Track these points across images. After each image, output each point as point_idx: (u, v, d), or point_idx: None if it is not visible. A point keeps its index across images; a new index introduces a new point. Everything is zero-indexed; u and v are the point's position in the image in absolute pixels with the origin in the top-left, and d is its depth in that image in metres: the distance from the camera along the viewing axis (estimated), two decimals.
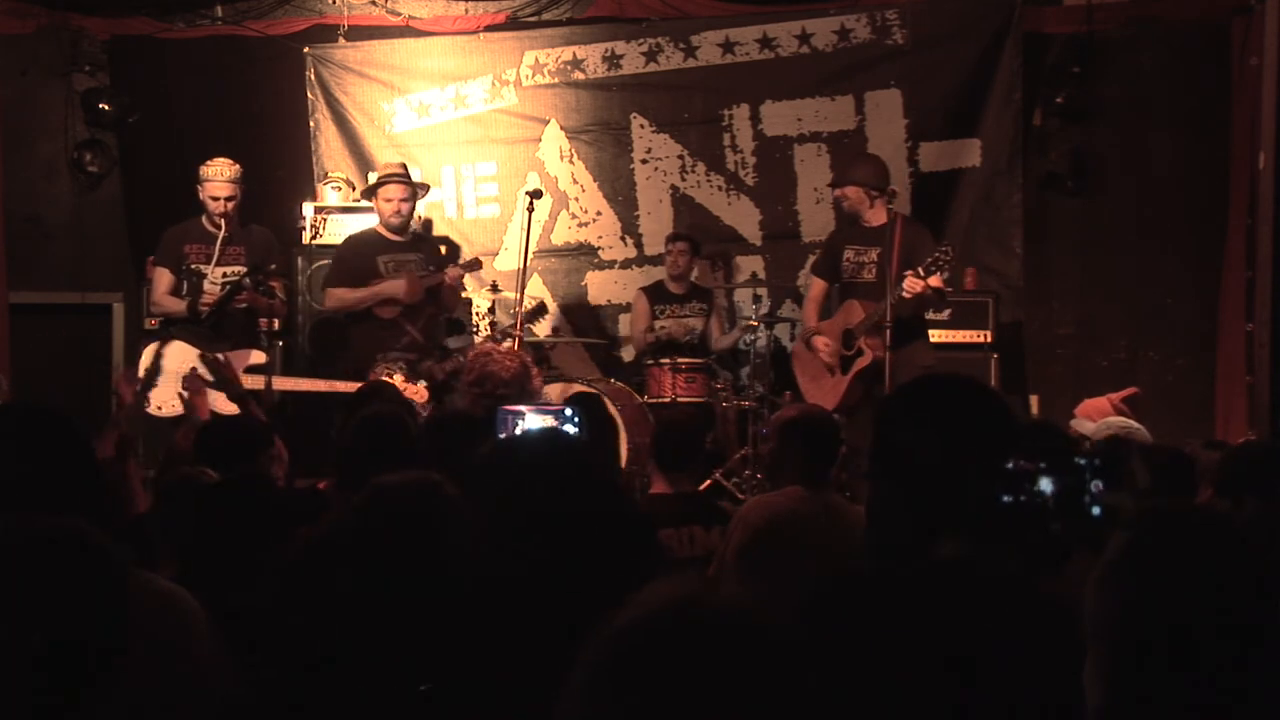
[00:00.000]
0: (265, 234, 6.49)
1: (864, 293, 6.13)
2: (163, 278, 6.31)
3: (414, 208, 6.58)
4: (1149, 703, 1.34)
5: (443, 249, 7.26)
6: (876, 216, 6.21)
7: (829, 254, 6.50)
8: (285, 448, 4.13)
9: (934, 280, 5.83)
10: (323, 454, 4.74)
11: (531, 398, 4.51)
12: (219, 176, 6.23)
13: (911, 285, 5.78)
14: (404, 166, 6.74)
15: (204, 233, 6.28)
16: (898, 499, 1.85)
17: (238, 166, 6.29)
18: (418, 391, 5.96)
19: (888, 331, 5.73)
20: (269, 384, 5.97)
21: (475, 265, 6.92)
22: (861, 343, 6.05)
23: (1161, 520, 1.42)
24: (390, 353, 6.23)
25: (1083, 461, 1.76)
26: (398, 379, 5.93)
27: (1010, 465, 1.78)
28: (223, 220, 6.20)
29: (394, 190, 6.47)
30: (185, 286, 6.25)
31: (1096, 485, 1.75)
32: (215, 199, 6.21)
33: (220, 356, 5.29)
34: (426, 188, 6.95)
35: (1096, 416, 4.81)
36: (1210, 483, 4.10)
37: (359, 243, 6.65)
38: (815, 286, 6.56)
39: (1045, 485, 1.76)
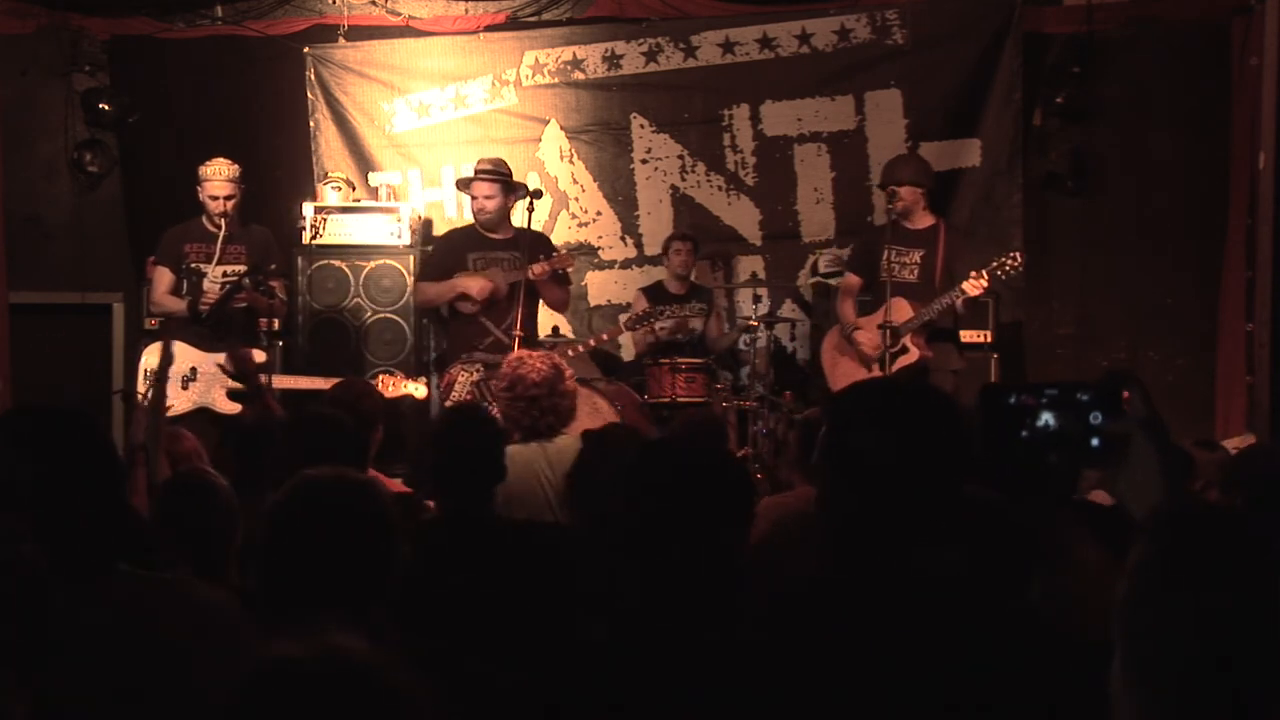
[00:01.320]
0: (265, 233, 6.51)
1: (908, 292, 6.15)
2: (163, 277, 6.33)
3: (504, 204, 6.48)
4: (1191, 714, 1.30)
5: (562, 249, 6.97)
6: (922, 219, 6.29)
7: (866, 252, 6.54)
8: None
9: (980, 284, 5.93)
10: None
11: (562, 398, 4.47)
12: (218, 176, 6.27)
13: (976, 287, 5.85)
14: (497, 162, 6.60)
15: (204, 232, 6.31)
16: (851, 502, 1.84)
17: (236, 166, 6.33)
18: (415, 388, 5.96)
19: (928, 332, 5.84)
20: (269, 383, 6.01)
21: (566, 261, 6.53)
22: (908, 340, 6.08)
23: (1187, 522, 1.38)
24: (474, 353, 6.18)
25: (1084, 396, 1.76)
26: (389, 378, 5.96)
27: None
28: (222, 220, 6.24)
29: (478, 187, 6.45)
30: (185, 286, 6.28)
31: (1095, 416, 1.75)
32: (214, 198, 6.25)
33: (245, 353, 5.41)
34: (525, 189, 6.54)
35: None
36: (1204, 480, 4.10)
37: (451, 238, 6.67)
38: (850, 281, 6.60)
39: (1047, 419, 1.77)
